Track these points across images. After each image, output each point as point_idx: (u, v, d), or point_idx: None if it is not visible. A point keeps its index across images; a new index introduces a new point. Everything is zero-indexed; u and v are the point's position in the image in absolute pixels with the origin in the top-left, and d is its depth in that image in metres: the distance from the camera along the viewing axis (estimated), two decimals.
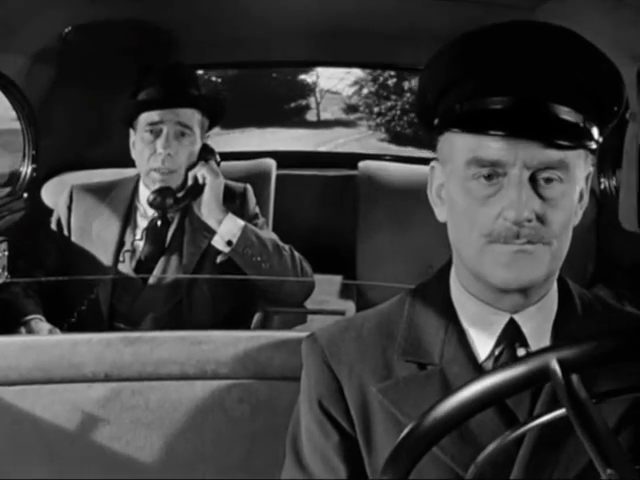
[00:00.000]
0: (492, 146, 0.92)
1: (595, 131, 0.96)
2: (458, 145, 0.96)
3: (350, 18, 2.41)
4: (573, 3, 1.91)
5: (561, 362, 0.66)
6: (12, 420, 1.35)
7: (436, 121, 1.00)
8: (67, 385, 1.36)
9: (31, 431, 1.35)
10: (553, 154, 0.92)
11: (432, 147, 1.04)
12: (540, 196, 0.92)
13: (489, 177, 0.94)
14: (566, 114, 0.93)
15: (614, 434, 0.65)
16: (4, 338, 1.46)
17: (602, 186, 2.32)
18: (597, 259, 2.40)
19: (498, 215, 0.93)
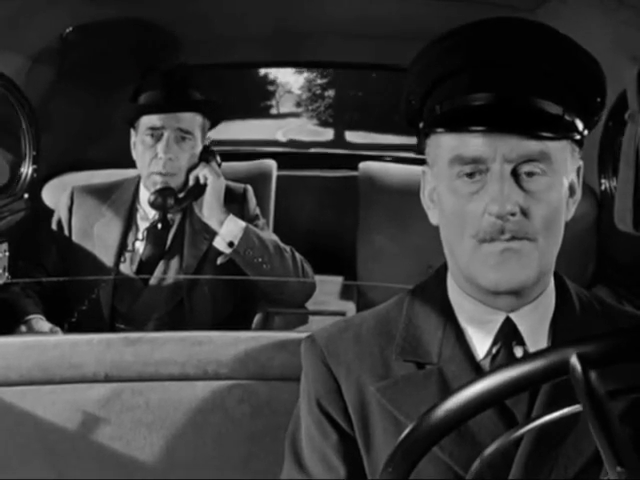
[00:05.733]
0: (472, 143, 0.93)
1: (578, 123, 0.96)
2: (442, 146, 0.97)
3: (350, 19, 2.42)
4: (573, 4, 1.92)
5: (581, 357, 0.66)
6: (12, 420, 1.35)
7: (421, 124, 1.01)
8: (67, 385, 1.36)
9: (31, 431, 1.35)
10: (532, 146, 0.92)
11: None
12: (523, 189, 0.93)
13: (472, 175, 0.94)
14: (544, 106, 0.93)
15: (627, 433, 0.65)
16: (4, 338, 1.46)
17: (602, 187, 2.32)
18: (597, 259, 2.40)
19: (483, 212, 0.93)
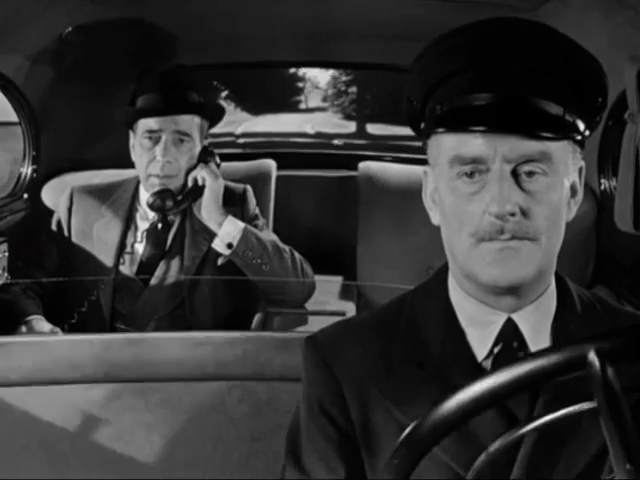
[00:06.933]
0: (472, 142, 0.92)
1: (580, 123, 0.96)
2: (443, 146, 0.97)
3: (351, 18, 2.42)
4: (573, 4, 1.92)
5: (599, 353, 0.66)
6: (12, 420, 1.35)
7: (422, 125, 1.01)
8: (67, 386, 1.36)
9: (31, 431, 1.35)
10: (533, 146, 0.92)
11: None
12: (523, 190, 0.92)
13: (472, 174, 0.94)
14: (545, 106, 0.93)
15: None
16: (4, 338, 1.46)
17: (602, 187, 2.33)
18: (597, 259, 2.40)
19: (483, 212, 0.93)
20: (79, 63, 2.40)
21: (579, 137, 0.97)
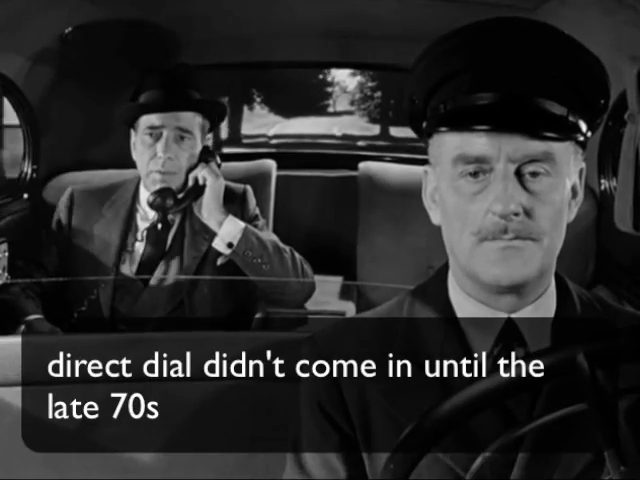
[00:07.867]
0: (476, 142, 0.93)
1: (582, 124, 0.97)
2: (445, 145, 0.97)
3: (352, 19, 2.42)
4: (573, 4, 1.92)
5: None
6: (12, 420, 1.35)
7: (424, 124, 1.01)
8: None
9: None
10: (537, 146, 0.92)
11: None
12: (527, 190, 0.93)
13: (475, 174, 0.94)
14: (549, 106, 0.94)
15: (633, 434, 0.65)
16: (4, 338, 1.46)
17: (602, 187, 2.33)
18: (597, 259, 2.40)
19: (486, 211, 0.93)
20: (79, 63, 2.40)
21: (582, 138, 0.97)
